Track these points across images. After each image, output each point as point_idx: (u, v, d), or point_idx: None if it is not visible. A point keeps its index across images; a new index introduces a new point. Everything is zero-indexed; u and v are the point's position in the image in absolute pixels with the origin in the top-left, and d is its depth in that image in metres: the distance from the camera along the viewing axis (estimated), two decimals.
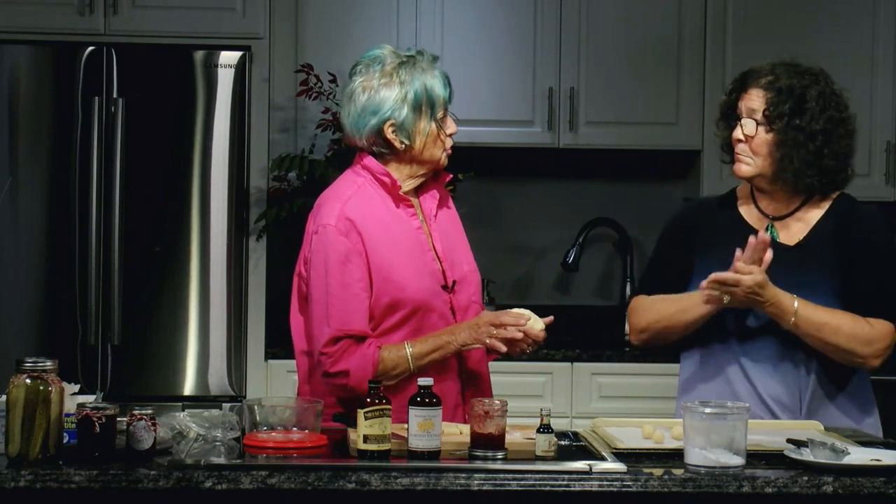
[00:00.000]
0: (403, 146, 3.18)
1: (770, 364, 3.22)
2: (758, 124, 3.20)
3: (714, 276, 3.11)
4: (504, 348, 3.13)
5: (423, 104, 3.17)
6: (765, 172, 3.24)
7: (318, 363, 3.14)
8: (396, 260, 3.15)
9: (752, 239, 3.12)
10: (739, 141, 3.23)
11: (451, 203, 3.37)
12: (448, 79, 3.23)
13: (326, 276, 3.13)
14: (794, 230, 3.28)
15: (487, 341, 3.12)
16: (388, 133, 3.17)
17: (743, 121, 3.23)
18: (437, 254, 3.22)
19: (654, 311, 3.32)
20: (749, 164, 3.24)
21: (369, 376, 2.99)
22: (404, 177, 3.23)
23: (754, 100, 3.21)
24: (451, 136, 3.23)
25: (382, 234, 3.17)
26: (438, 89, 3.19)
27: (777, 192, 3.28)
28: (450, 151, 3.24)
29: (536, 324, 3.14)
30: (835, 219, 3.27)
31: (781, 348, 3.21)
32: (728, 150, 3.33)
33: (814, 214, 3.28)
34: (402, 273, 3.15)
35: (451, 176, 3.35)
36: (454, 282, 3.22)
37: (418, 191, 3.28)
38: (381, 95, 3.16)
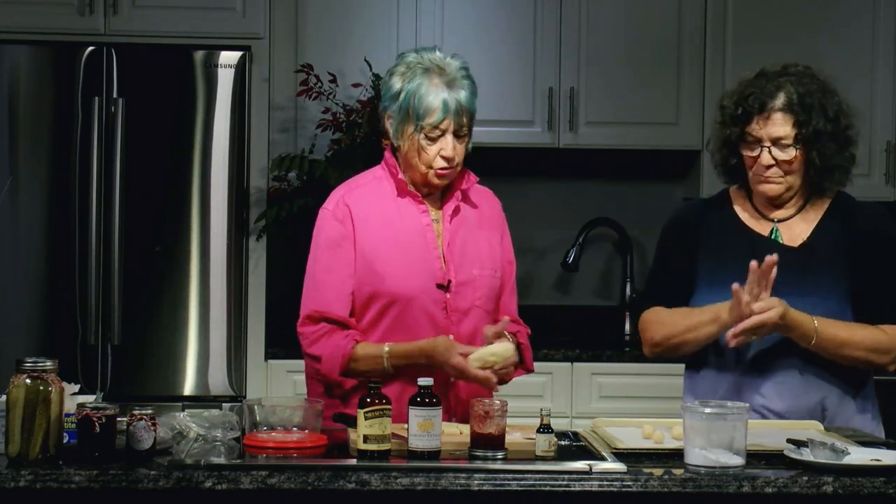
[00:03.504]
0: (396, 144, 3.20)
1: (783, 378, 3.20)
2: (793, 147, 3.16)
3: (738, 328, 3.03)
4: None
5: (410, 109, 3.13)
6: (795, 186, 3.23)
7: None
8: (385, 252, 3.16)
9: (753, 264, 3.05)
10: (770, 166, 3.18)
11: (485, 205, 3.32)
12: (461, 105, 3.14)
13: (315, 259, 3.20)
14: (798, 231, 3.26)
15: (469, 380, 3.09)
16: (387, 124, 3.20)
17: (772, 148, 3.16)
18: (442, 252, 3.21)
19: (668, 326, 3.26)
20: (781, 182, 3.20)
21: (338, 367, 3.09)
22: (408, 178, 3.23)
23: (778, 125, 3.15)
24: (444, 157, 3.15)
25: (379, 225, 3.18)
26: (431, 104, 3.12)
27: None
28: (440, 172, 3.17)
29: (506, 352, 3.07)
30: (839, 217, 3.26)
31: (797, 361, 3.19)
32: (731, 172, 3.29)
33: (815, 214, 3.27)
34: (387, 265, 3.15)
35: (477, 179, 3.30)
36: (449, 281, 3.19)
37: (445, 191, 3.25)
38: (388, 84, 3.19)
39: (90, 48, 4.88)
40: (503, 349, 3.08)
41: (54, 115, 4.89)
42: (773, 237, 3.25)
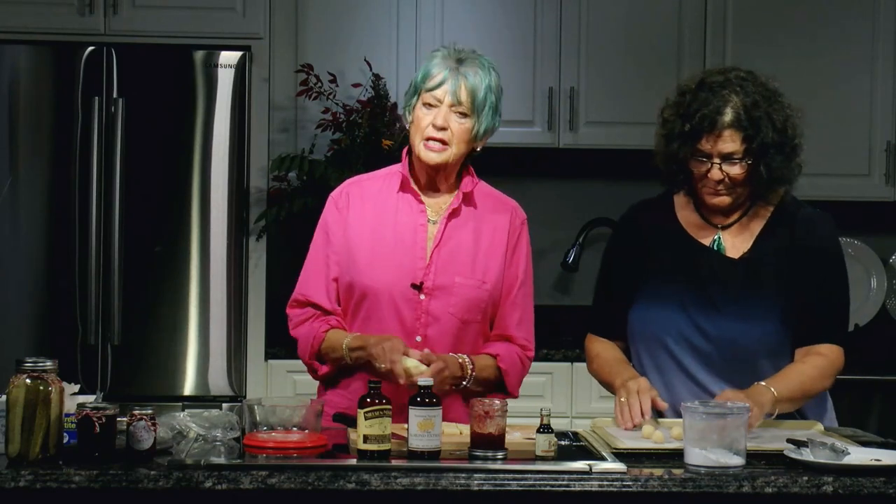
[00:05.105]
0: (406, 123, 3.21)
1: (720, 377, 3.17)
2: (742, 161, 3.11)
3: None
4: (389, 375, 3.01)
5: (416, 80, 3.16)
6: (744, 195, 3.19)
7: None
8: (368, 244, 3.17)
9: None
10: (720, 181, 3.13)
11: (498, 217, 3.27)
12: (464, 81, 3.09)
13: (312, 242, 3.25)
14: (740, 240, 3.23)
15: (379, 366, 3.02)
16: (406, 116, 3.23)
17: (723, 165, 3.11)
18: (429, 253, 3.18)
19: (594, 366, 3.35)
20: (731, 193, 3.16)
21: (308, 351, 3.15)
22: (416, 168, 3.22)
23: (728, 142, 3.10)
24: (435, 126, 3.10)
25: (372, 218, 3.19)
26: (432, 69, 3.12)
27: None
28: (428, 144, 3.12)
29: (414, 367, 2.97)
30: (781, 226, 3.21)
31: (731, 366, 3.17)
32: (679, 183, 3.26)
33: (758, 221, 3.24)
34: (365, 258, 3.16)
35: (476, 183, 3.25)
36: (422, 283, 3.14)
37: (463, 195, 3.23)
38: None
39: (90, 48, 4.89)
40: (417, 369, 2.98)
41: (54, 115, 4.90)
42: (715, 247, 3.23)
